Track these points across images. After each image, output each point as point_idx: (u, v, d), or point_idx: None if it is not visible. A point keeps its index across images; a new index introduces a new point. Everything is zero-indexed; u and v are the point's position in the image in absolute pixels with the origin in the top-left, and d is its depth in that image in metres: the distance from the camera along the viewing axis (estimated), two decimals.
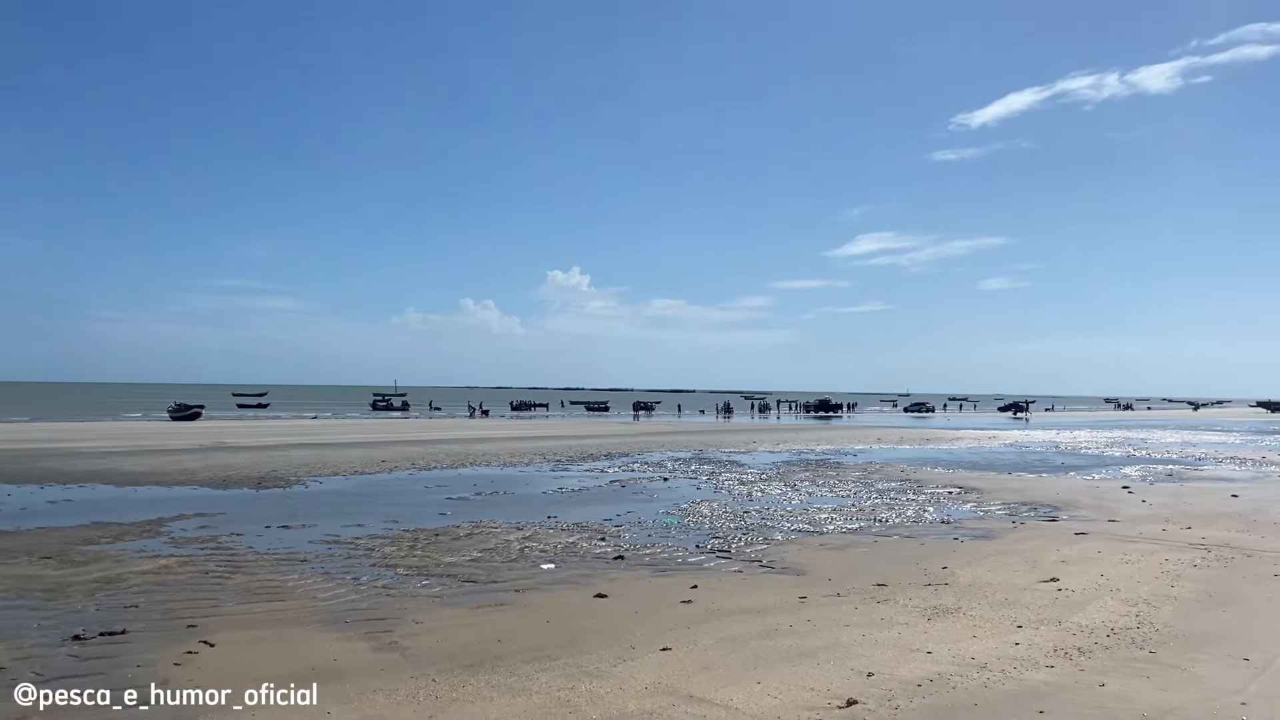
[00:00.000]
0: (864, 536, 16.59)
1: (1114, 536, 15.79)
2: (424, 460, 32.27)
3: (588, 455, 35.98)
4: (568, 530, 16.99)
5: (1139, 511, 19.58)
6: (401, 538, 16.02)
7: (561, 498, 22.33)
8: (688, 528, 17.57)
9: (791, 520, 18.67)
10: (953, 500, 22.56)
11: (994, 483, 26.89)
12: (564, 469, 30.06)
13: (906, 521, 18.73)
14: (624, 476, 27.62)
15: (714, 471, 29.71)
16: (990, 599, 10.68)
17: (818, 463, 34.10)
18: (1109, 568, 12.59)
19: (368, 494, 22.85)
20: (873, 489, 25.03)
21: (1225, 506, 20.00)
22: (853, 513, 19.97)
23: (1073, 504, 21.24)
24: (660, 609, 10.47)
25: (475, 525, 17.49)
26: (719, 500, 21.90)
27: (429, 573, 13.02)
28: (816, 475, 28.80)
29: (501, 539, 15.93)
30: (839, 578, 12.42)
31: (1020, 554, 14.15)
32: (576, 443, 43.99)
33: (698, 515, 19.20)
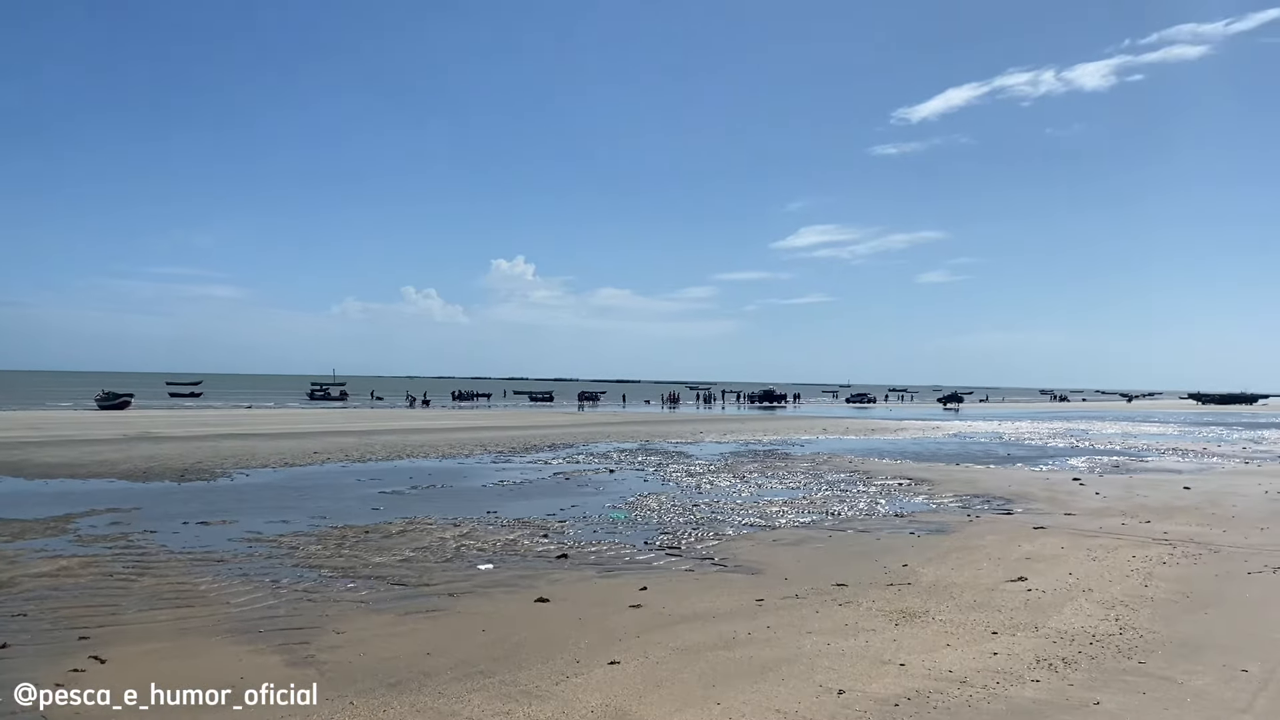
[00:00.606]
0: (818, 531, 15.93)
1: (1074, 531, 15.30)
2: (359, 452, 31.05)
3: (531, 446, 35.01)
4: (508, 527, 16.08)
5: (1093, 504, 19.21)
6: (329, 535, 15.00)
7: (502, 491, 21.39)
8: (635, 523, 16.77)
9: (742, 514, 17.96)
10: (904, 492, 22.07)
11: (943, 474, 26.51)
12: (506, 461, 29.07)
13: (859, 514, 18.13)
14: (568, 468, 26.74)
15: (661, 463, 28.95)
16: (958, 601, 10.01)
17: (766, 454, 33.53)
18: (1076, 565, 12.03)
19: (297, 487, 21.69)
20: (822, 480, 24.46)
21: (1179, 499, 19.71)
22: (804, 505, 19.33)
23: (1025, 496, 20.84)
24: (607, 615, 9.64)
25: (409, 522, 16.50)
26: (667, 493, 21.13)
27: (356, 574, 12.05)
28: (765, 466, 28.19)
29: (436, 536, 14.98)
30: (796, 577, 11.70)
31: (981, 550, 13.57)
32: (519, 433, 42.97)
33: (645, 509, 18.41)
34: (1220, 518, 16.66)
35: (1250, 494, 20.53)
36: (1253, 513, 17.28)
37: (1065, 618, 9.08)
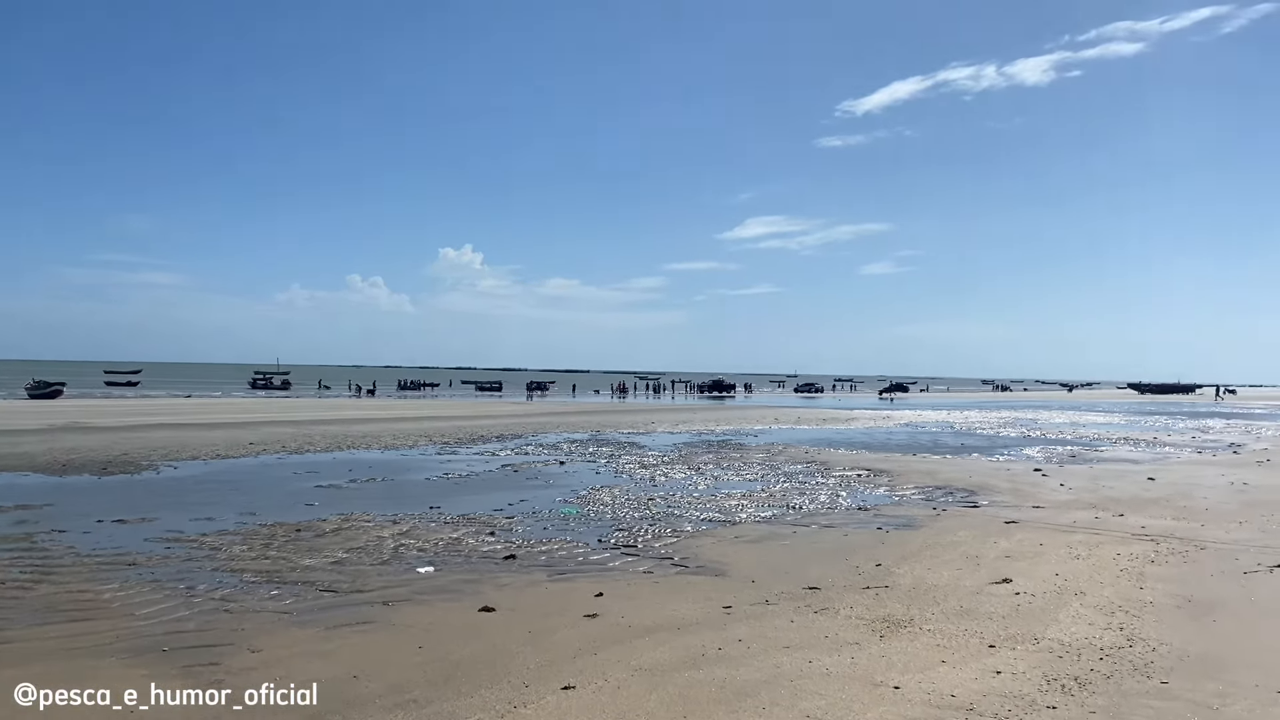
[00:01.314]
0: (781, 526, 15.10)
1: (1048, 526, 14.63)
2: (296, 443, 29.65)
3: (478, 437, 33.84)
4: (452, 524, 15.03)
5: (1060, 496, 18.64)
6: (256, 534, 13.84)
7: (447, 485, 20.29)
8: (588, 518, 15.80)
9: (700, 508, 17.09)
10: (863, 484, 21.37)
11: (901, 464, 25.90)
12: (451, 452, 27.90)
13: (822, 508, 17.36)
14: (517, 460, 25.67)
15: (613, 454, 27.99)
16: (943, 606, 9.19)
17: (719, 444, 32.73)
18: (1060, 564, 11.30)
19: (227, 481, 20.38)
20: (780, 472, 23.69)
21: (1146, 491, 19.22)
22: (764, 499, 18.52)
23: (988, 488, 20.24)
24: (559, 626, 8.66)
25: (345, 518, 15.37)
26: (621, 486, 20.18)
27: (282, 579, 10.95)
28: (720, 458, 27.37)
29: (373, 535, 13.88)
30: (764, 579, 10.82)
31: (956, 547, 12.81)
32: (466, 424, 41.73)
33: (598, 504, 17.45)
34: (1194, 510, 16.13)
35: (1215, 485, 20.12)
36: (1224, 505, 16.79)
37: (1064, 627, 8.28)
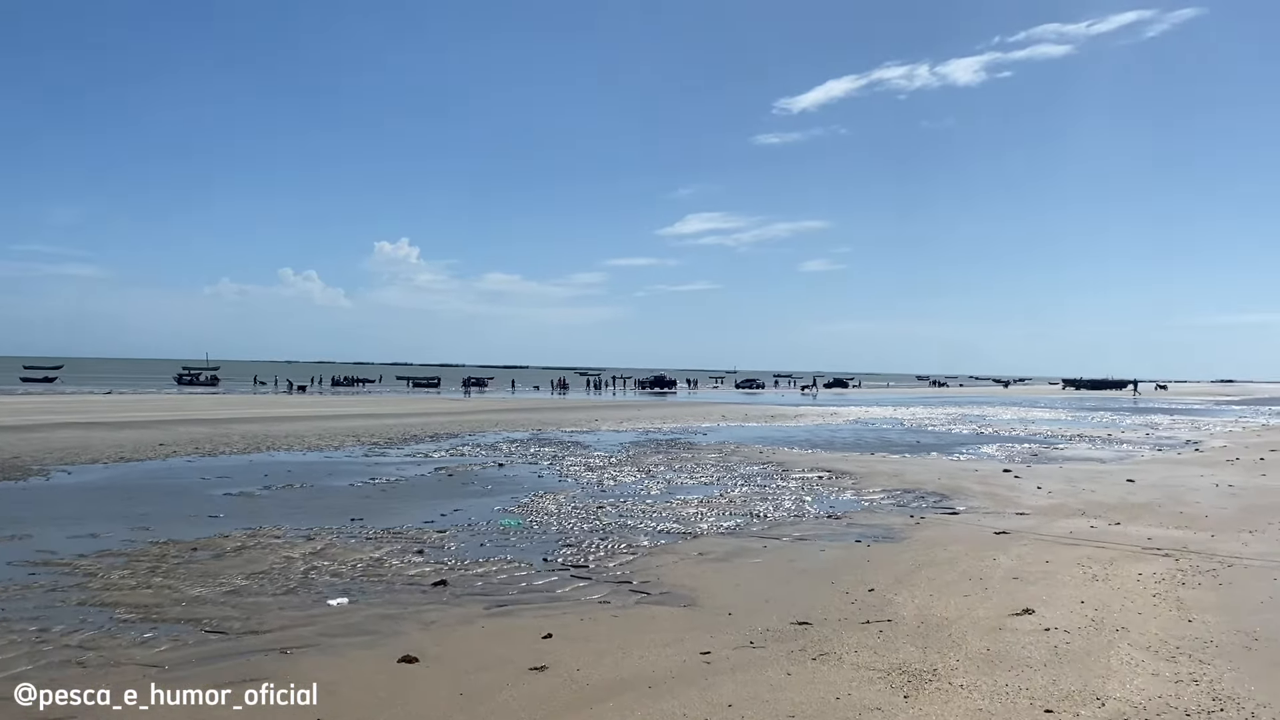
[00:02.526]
0: (748, 540, 13.47)
1: (1044, 538, 13.20)
2: (212, 444, 27.33)
3: (411, 437, 31.75)
4: (375, 540, 13.13)
5: (1041, 501, 17.30)
6: (144, 555, 11.84)
7: (373, 492, 18.32)
8: (531, 531, 14.02)
9: (656, 517, 15.41)
10: (827, 487, 19.88)
11: (862, 465, 24.51)
12: (381, 454, 25.83)
13: (789, 516, 15.79)
14: (452, 463, 23.72)
15: (557, 455, 26.16)
16: (965, 649, 7.58)
17: (668, 443, 31.08)
18: (1080, 588, 9.80)
19: (126, 488, 18.19)
20: (736, 474, 22.12)
21: (1131, 495, 17.96)
22: (724, 505, 16.90)
23: (962, 491, 18.86)
24: (499, 685, 6.88)
25: (252, 534, 13.40)
26: (566, 492, 18.41)
27: (162, 616, 9.02)
28: (671, 458, 25.71)
29: (281, 555, 11.94)
30: (742, 610, 9.16)
31: (952, 565, 11.28)
32: (399, 422, 39.54)
33: (542, 513, 15.67)
34: (1193, 518, 14.84)
35: (1200, 487, 18.96)
36: (1222, 512, 15.55)
37: (1125, 680, 6.70)
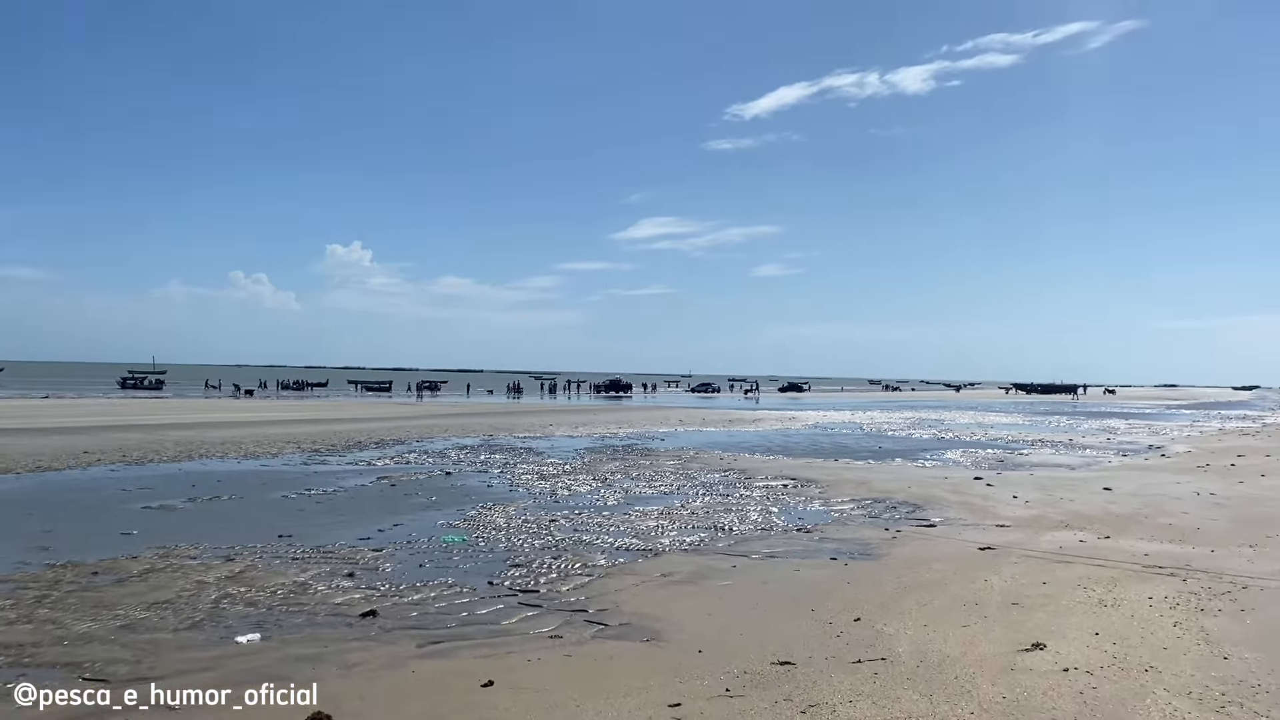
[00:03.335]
0: (714, 557, 12.35)
1: (1033, 554, 12.22)
2: (141, 452, 25.66)
3: (355, 443, 30.23)
4: (301, 560, 11.83)
5: (1019, 512, 16.39)
6: (35, 581, 10.44)
7: (307, 505, 16.94)
8: (476, 549, 12.78)
9: (613, 531, 14.24)
10: (793, 496, 18.85)
11: (826, 472, 23.55)
12: (321, 462, 24.36)
13: (756, 529, 14.71)
14: (396, 471, 22.36)
15: (508, 462, 24.88)
16: (978, 699, 6.51)
17: (625, 449, 29.91)
18: (1090, 616, 8.78)
19: (33, 502, 16.63)
20: (697, 482, 21.02)
21: (1112, 505, 17.11)
22: (686, 518, 15.78)
23: (935, 500, 17.92)
24: None
25: (164, 554, 12.04)
26: (517, 503, 17.17)
27: (36, 659, 7.69)
28: (628, 465, 24.55)
29: (193, 580, 10.61)
30: (714, 646, 8.02)
31: (939, 588, 10.25)
32: (345, 428, 37.94)
33: (490, 528, 14.43)
34: (1184, 530, 13.97)
35: (1181, 496, 18.17)
36: (1212, 523, 14.71)
37: None
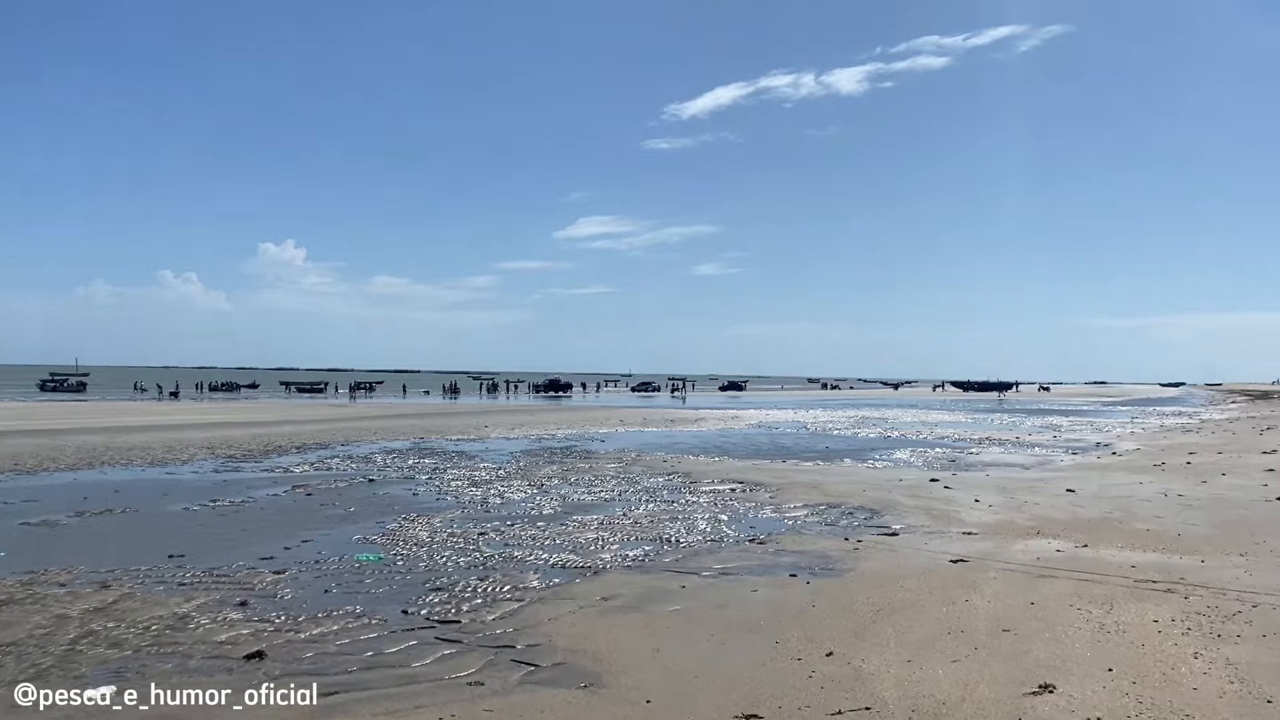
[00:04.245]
0: (661, 575, 11.06)
1: (1009, 567, 11.12)
2: (38, 459, 23.62)
3: (275, 448, 28.38)
4: (189, 587, 10.28)
5: (985, 517, 15.37)
6: None
7: (209, 518, 15.30)
8: (393, 569, 11.33)
9: (549, 546, 12.88)
10: (743, 502, 17.66)
11: (775, 474, 22.42)
12: (234, 469, 22.57)
13: (706, 541, 13.46)
14: (315, 478, 20.70)
15: (438, 467, 23.32)
16: None
17: (564, 451, 28.52)
18: (1095, 645, 7.64)
19: None
20: (640, 487, 19.74)
21: (1080, 508, 16.16)
22: (628, 528, 14.48)
23: (893, 505, 16.85)
24: None
25: (29, 579, 10.42)
26: (444, 513, 15.71)
27: None
28: (566, 469, 23.17)
29: (54, 614, 9.02)
30: (665, 694, 6.73)
31: (916, 610, 9.06)
32: (267, 431, 35.95)
33: (411, 544, 12.97)
34: (1163, 537, 13.01)
35: (1148, 497, 17.29)
36: (1192, 528, 13.77)
37: None
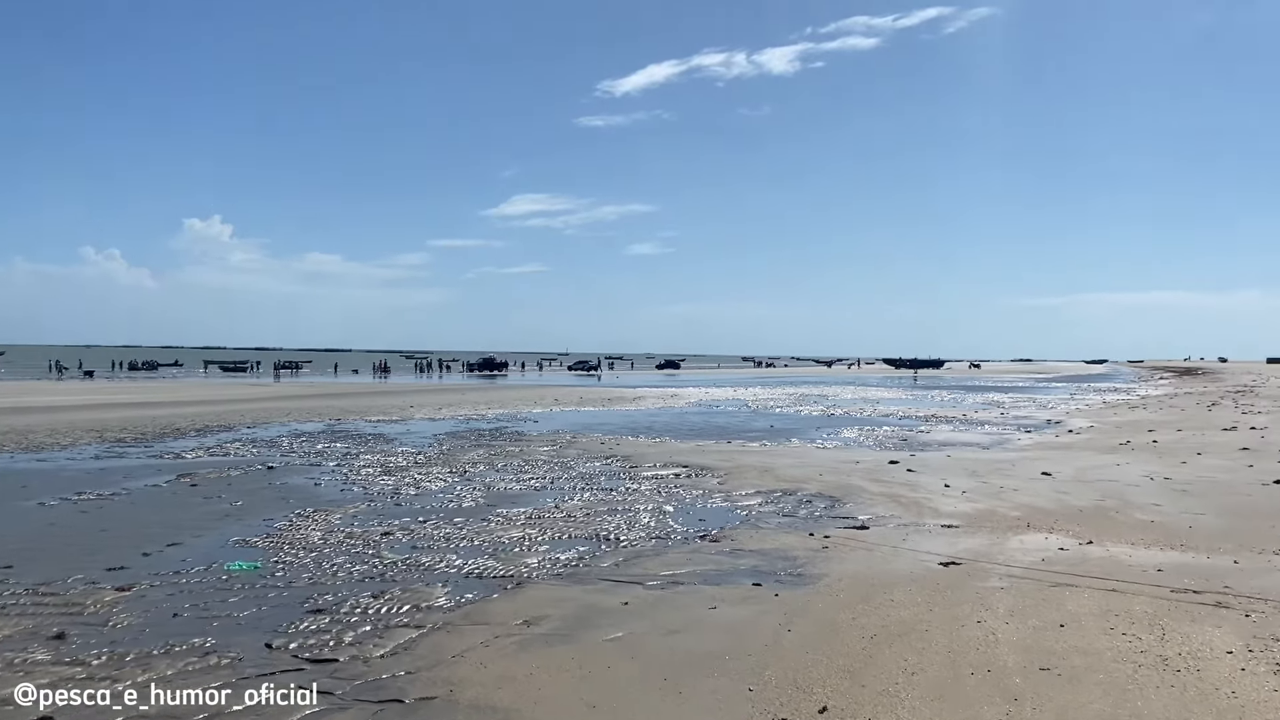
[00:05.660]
0: (598, 588, 9.15)
1: (1012, 571, 9.41)
2: None
3: (174, 430, 25.84)
4: (6, 611, 8.11)
5: (961, 505, 13.74)
6: None
7: (67, 515, 13.00)
8: (269, 582, 9.25)
9: (465, 549, 10.90)
10: (689, 489, 15.86)
11: (721, 456, 20.66)
12: (119, 455, 20.11)
13: (649, 538, 11.61)
14: (206, 465, 18.38)
15: (349, 452, 21.12)
16: None
17: (493, 433, 26.44)
18: (1170, 693, 5.90)
19: None
20: (575, 473, 17.83)
21: (1065, 494, 14.59)
22: (560, 523, 12.56)
23: (854, 492, 15.17)
24: None
25: None
26: (346, 508, 13.62)
27: None
28: (494, 454, 21.14)
29: None
30: None
31: (921, 637, 7.29)
32: (173, 411, 33.24)
33: (298, 547, 10.88)
34: (1174, 530, 11.45)
35: (1135, 481, 15.79)
36: (1200, 518, 12.22)
37: None
